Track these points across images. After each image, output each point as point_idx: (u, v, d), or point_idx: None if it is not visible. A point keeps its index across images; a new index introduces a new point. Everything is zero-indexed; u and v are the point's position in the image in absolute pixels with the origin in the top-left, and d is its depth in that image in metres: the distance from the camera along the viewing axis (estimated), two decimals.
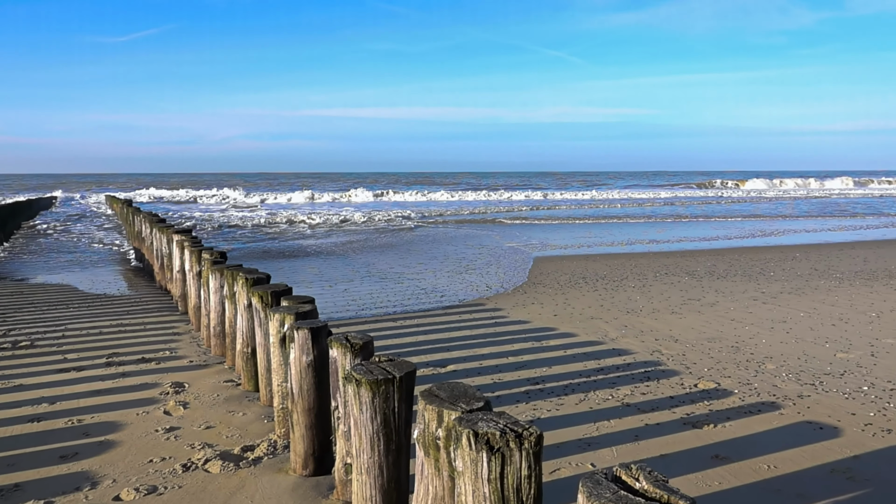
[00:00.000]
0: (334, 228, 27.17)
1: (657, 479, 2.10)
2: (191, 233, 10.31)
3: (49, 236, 24.04)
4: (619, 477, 2.15)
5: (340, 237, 23.08)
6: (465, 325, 8.54)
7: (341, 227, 27.55)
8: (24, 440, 4.66)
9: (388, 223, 29.72)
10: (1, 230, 20.54)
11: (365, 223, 29.44)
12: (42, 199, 42.57)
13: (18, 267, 15.75)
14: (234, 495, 3.80)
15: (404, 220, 31.03)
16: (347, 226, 28.30)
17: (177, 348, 7.25)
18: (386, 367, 3.31)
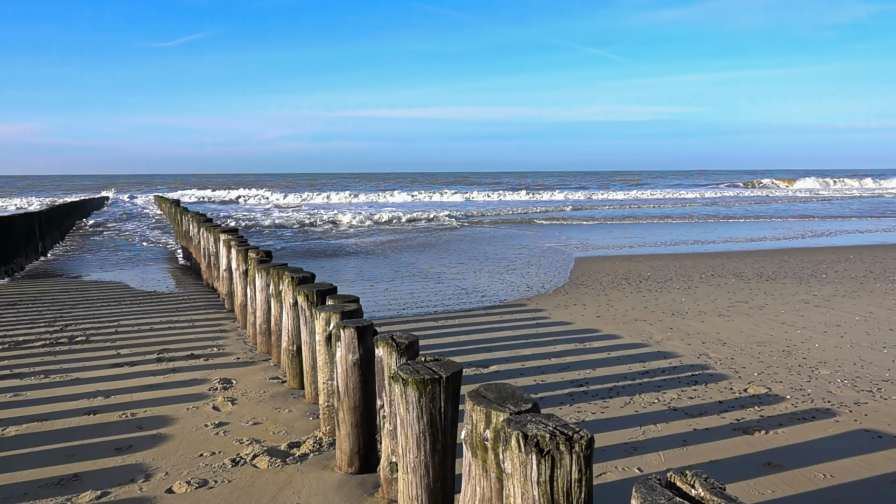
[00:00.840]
0: (374, 228, 27.40)
1: (714, 486, 2.05)
2: (237, 232, 10.53)
3: (101, 235, 24.88)
4: (674, 483, 2.11)
5: (380, 237, 23.26)
6: (507, 326, 8.50)
7: (381, 227, 27.76)
8: (82, 432, 4.82)
9: (427, 223, 29.84)
10: (57, 229, 21.36)
11: (404, 223, 29.61)
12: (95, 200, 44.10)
13: (73, 264, 16.35)
14: (281, 491, 3.86)
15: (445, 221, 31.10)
16: (387, 226, 28.51)
17: (224, 345, 7.41)
18: (432, 366, 3.31)
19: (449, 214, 34.39)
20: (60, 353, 7.11)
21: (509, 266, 14.59)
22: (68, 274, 14.50)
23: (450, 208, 41.24)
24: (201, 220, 13.66)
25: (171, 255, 18.23)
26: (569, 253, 17.02)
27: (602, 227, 26.27)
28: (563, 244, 19.39)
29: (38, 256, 17.14)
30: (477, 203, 50.44)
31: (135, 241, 22.57)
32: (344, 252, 18.38)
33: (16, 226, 14.85)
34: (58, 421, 5.04)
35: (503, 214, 36.08)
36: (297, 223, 29.90)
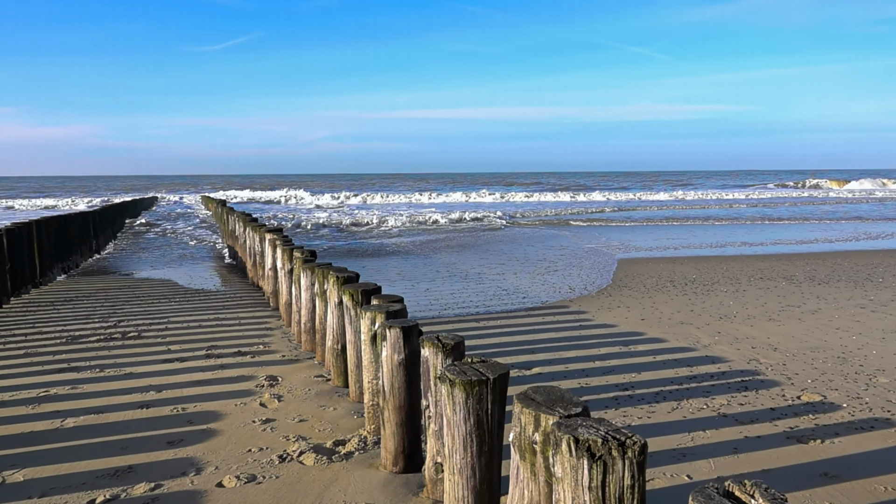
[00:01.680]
0: (414, 228, 27.53)
1: (775, 496, 1.99)
2: (282, 231, 10.71)
3: (151, 234, 25.65)
4: (732, 492, 2.05)
5: (420, 237, 23.35)
6: (549, 328, 8.43)
7: (421, 228, 27.88)
8: (135, 425, 4.97)
9: (466, 224, 29.84)
10: (110, 228, 22.10)
11: (444, 224, 29.66)
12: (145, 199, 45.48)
13: (125, 262, 16.89)
14: (328, 488, 3.91)
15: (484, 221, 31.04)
16: (428, 226, 28.61)
17: (270, 343, 7.54)
18: (479, 368, 3.30)
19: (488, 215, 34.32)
20: (114, 347, 7.35)
21: (550, 267, 14.47)
22: (120, 271, 14.98)
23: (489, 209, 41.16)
24: (247, 219, 13.94)
25: (217, 254, 18.67)
26: (611, 254, 16.79)
27: (644, 229, 25.83)
28: (604, 245, 19.14)
29: (92, 254, 17.75)
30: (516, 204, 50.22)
31: (183, 240, 23.19)
32: (384, 252, 18.52)
33: (72, 225, 15.42)
34: (113, 414, 5.21)
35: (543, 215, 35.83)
36: (337, 223, 30.27)
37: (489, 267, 14.69)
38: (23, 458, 4.34)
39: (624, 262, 15.01)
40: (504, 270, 14.07)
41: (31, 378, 6.18)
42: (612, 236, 22.26)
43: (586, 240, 21.06)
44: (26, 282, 11.54)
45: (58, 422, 5.03)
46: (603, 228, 26.25)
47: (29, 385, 5.95)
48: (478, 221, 30.74)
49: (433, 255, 17.52)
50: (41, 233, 12.54)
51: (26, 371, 6.43)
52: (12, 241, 10.90)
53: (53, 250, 13.43)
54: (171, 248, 20.74)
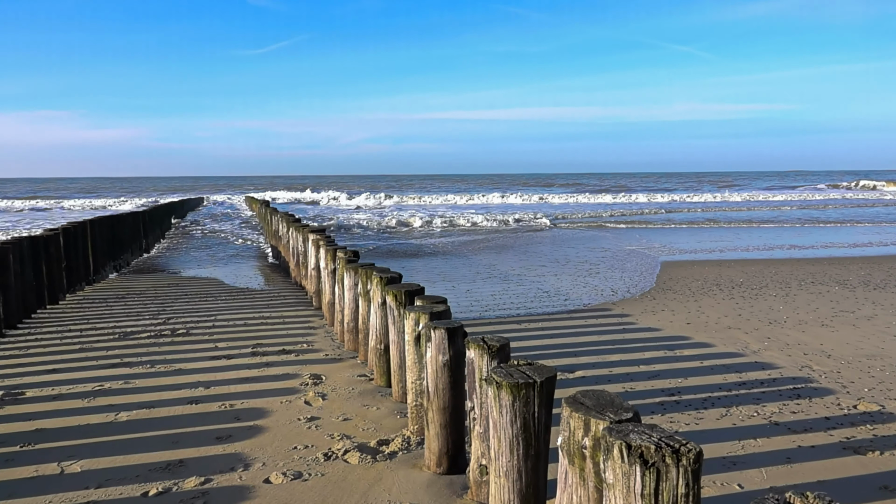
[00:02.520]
0: (454, 229, 27.56)
1: None
2: (324, 232, 10.85)
3: (197, 233, 26.30)
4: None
5: (460, 238, 23.36)
6: (592, 331, 8.32)
7: (461, 229, 27.89)
8: (185, 420, 5.10)
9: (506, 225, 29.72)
10: (158, 227, 22.75)
11: (484, 225, 29.60)
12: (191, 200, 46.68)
13: (173, 261, 17.36)
14: (372, 487, 3.93)
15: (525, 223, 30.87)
16: (467, 227, 28.60)
17: (313, 342, 7.64)
18: (525, 370, 3.28)
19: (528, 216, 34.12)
20: (164, 344, 7.55)
21: (591, 269, 14.29)
22: (169, 270, 15.40)
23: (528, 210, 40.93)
24: (290, 220, 14.16)
25: (261, 254, 19.02)
26: (654, 256, 16.49)
27: (689, 231, 25.31)
28: (647, 247, 18.82)
29: (142, 253, 18.30)
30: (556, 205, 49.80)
31: (227, 240, 23.71)
32: (424, 253, 18.58)
33: (123, 224, 15.92)
34: (164, 409, 5.35)
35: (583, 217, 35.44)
36: (377, 224, 30.51)
37: (529, 268, 14.60)
38: (80, 450, 4.49)
39: (667, 265, 14.73)
40: (544, 272, 13.97)
41: (87, 372, 6.40)
42: (654, 238, 21.87)
43: (628, 241, 20.74)
44: (80, 279, 11.97)
45: (112, 415, 5.19)
46: (645, 230, 25.82)
47: (84, 379, 6.16)
48: (517, 223, 30.60)
49: (473, 256, 17.50)
50: (95, 232, 12.98)
51: (82, 365, 6.66)
52: (68, 239, 11.31)
53: (106, 249, 13.90)
54: (217, 247, 21.23)
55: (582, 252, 17.92)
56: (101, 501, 3.77)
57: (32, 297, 9.55)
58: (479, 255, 17.54)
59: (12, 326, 8.62)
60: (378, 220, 32.36)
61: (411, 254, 18.37)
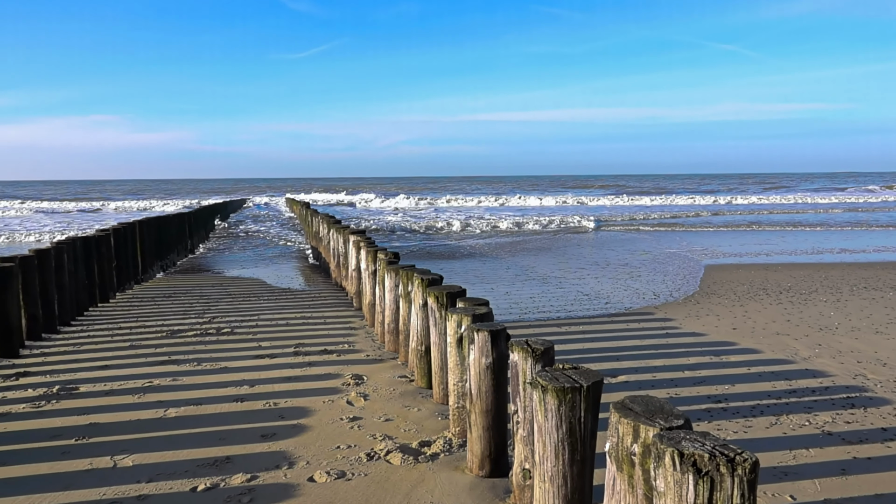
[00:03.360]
0: (492, 231, 27.49)
1: None
2: (364, 233, 10.95)
3: (240, 234, 26.84)
4: None
5: (498, 240, 23.29)
6: (634, 335, 8.20)
7: (499, 231, 27.81)
8: (231, 418, 5.20)
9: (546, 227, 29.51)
10: (203, 228, 23.29)
11: (523, 227, 29.46)
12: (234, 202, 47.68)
13: (217, 261, 17.75)
14: (415, 488, 3.94)
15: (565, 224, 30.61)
16: (505, 229, 28.50)
17: (354, 342, 7.71)
18: (571, 374, 3.24)
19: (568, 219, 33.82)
20: (209, 342, 7.72)
21: (633, 272, 14.08)
22: (213, 270, 15.76)
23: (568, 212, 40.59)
24: (331, 221, 14.33)
25: (301, 254, 19.30)
26: (697, 260, 16.16)
27: (732, 233, 24.72)
28: (689, 250, 18.45)
29: (188, 253, 18.77)
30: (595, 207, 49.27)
31: (269, 241, 24.13)
32: (462, 254, 18.58)
33: (170, 225, 16.35)
34: (210, 406, 5.46)
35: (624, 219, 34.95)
36: (416, 225, 30.65)
37: (569, 271, 14.46)
38: (132, 445, 4.62)
39: (711, 269, 14.41)
40: (584, 275, 13.82)
41: (137, 369, 6.58)
42: (696, 241, 21.42)
43: (669, 244, 20.37)
44: (129, 278, 12.33)
45: (161, 411, 5.33)
46: (687, 233, 25.32)
47: (135, 375, 6.34)
48: (554, 225, 30.35)
49: (510, 257, 17.43)
50: (143, 233, 13.37)
51: (132, 362, 6.85)
52: (118, 240, 11.67)
53: (154, 249, 14.29)
54: (259, 248, 21.63)
55: (622, 255, 17.67)
56: (153, 495, 3.87)
57: (85, 295, 9.88)
58: (517, 257, 17.46)
59: (66, 323, 8.93)
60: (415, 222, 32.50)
61: (448, 255, 18.40)
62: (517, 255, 17.96)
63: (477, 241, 23.17)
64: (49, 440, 4.71)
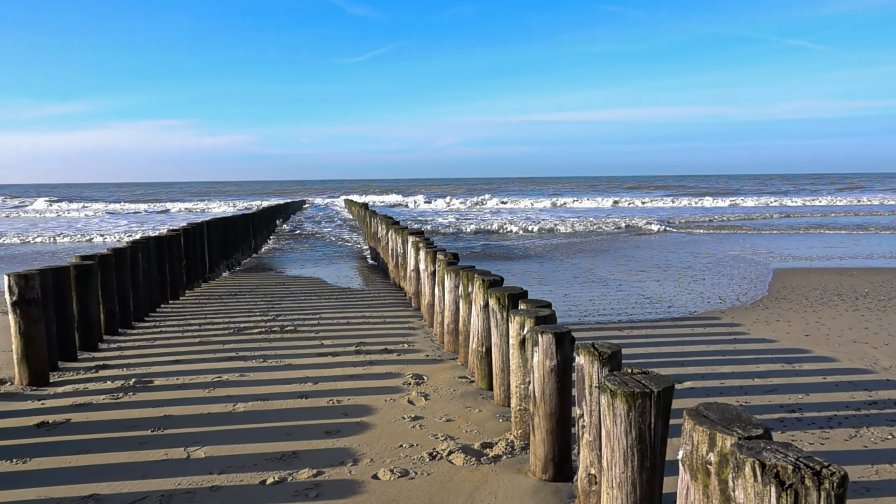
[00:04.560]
0: (549, 233, 27.23)
1: None
2: (423, 234, 11.02)
3: (300, 235, 27.48)
4: None
5: (555, 241, 23.05)
6: (699, 340, 7.96)
7: (555, 232, 27.51)
8: (296, 414, 5.32)
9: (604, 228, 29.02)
10: (266, 229, 23.97)
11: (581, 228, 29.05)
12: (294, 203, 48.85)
13: (279, 260, 18.22)
14: (478, 489, 3.94)
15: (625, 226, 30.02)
16: (561, 230, 28.18)
17: (413, 342, 7.77)
18: (641, 379, 3.17)
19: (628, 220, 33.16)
20: (274, 339, 7.93)
21: (696, 275, 13.67)
22: (276, 269, 16.19)
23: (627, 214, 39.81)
24: (389, 222, 14.50)
25: (359, 255, 19.60)
26: (764, 263, 15.55)
27: (803, 236, 23.69)
28: (755, 253, 17.78)
29: (251, 253, 19.34)
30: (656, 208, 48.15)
31: (328, 241, 24.62)
32: (519, 255, 18.47)
33: (235, 226, 16.89)
34: (276, 401, 5.61)
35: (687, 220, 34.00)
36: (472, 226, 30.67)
37: (629, 273, 14.17)
38: (203, 437, 4.79)
39: (780, 272, 13.84)
40: (645, 277, 13.51)
41: (206, 364, 6.82)
42: (764, 244, 20.63)
43: (735, 247, 19.68)
44: (198, 276, 12.80)
45: (230, 406, 5.51)
46: (754, 235, 24.41)
47: (205, 370, 6.57)
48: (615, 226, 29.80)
49: (569, 259, 17.21)
50: (211, 233, 13.86)
51: (202, 357, 7.11)
52: (188, 239, 12.13)
53: (220, 249, 14.79)
54: (318, 248, 22.09)
55: (684, 257, 17.19)
56: (224, 486, 4.00)
57: (157, 292, 10.32)
58: (575, 259, 17.23)
59: (140, 319, 9.35)
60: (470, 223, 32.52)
61: (504, 256, 18.32)
62: (575, 257, 17.72)
63: (533, 242, 22.99)
64: (127, 430, 4.94)
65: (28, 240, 26.41)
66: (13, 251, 22.14)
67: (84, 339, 7.57)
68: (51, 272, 6.83)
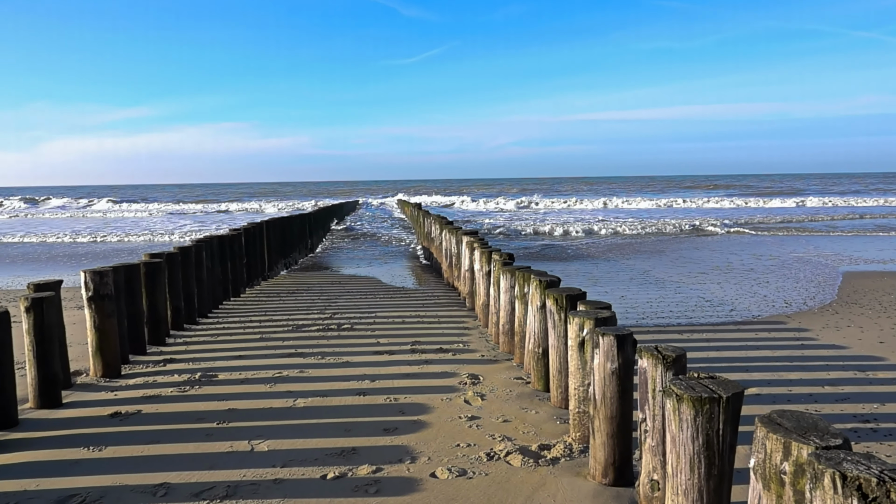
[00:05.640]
0: (604, 233, 26.79)
1: None
2: (477, 234, 11.02)
3: (354, 234, 27.90)
4: None
5: (611, 242, 22.66)
6: (764, 345, 7.69)
7: (611, 232, 27.04)
8: (355, 410, 5.40)
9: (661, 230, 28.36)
10: (321, 229, 24.44)
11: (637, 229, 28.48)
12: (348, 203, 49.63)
13: (334, 259, 18.55)
14: (536, 491, 3.91)
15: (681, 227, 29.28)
16: (617, 231, 27.68)
17: (468, 342, 7.78)
18: (708, 384, 3.09)
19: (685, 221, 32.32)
20: (332, 337, 8.08)
21: (759, 278, 13.20)
22: (331, 268, 16.48)
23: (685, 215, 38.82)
24: (443, 222, 14.56)
25: (412, 254, 19.75)
26: (832, 266, 14.89)
27: (875, 238, 22.56)
28: (822, 255, 17.04)
29: (308, 252, 19.75)
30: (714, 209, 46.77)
31: (382, 241, 24.91)
32: (573, 256, 18.25)
33: (292, 225, 17.29)
34: (335, 398, 5.71)
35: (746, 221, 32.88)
36: (525, 227, 30.47)
37: (688, 275, 13.80)
38: (266, 431, 4.93)
39: (850, 276, 13.23)
40: (705, 279, 13.13)
41: (267, 360, 7.01)
42: (832, 245, 19.75)
43: (801, 249, 18.92)
44: (258, 275, 13.16)
45: (291, 401, 5.64)
46: (821, 237, 23.40)
47: (266, 366, 6.75)
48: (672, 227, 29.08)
49: (624, 260, 16.90)
50: (270, 232, 14.22)
51: (263, 353, 7.30)
52: (248, 239, 12.48)
53: (279, 247, 15.17)
54: (372, 247, 22.38)
55: (746, 259, 16.62)
56: (287, 480, 4.10)
57: (220, 290, 10.66)
58: (630, 260, 16.90)
59: (204, 315, 9.67)
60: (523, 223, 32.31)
61: (558, 257, 18.12)
62: (630, 258, 17.38)
63: (586, 242, 22.68)
64: (194, 422, 5.12)
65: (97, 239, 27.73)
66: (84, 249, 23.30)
67: (152, 334, 7.88)
68: (123, 269, 7.15)
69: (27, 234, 30.51)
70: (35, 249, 23.53)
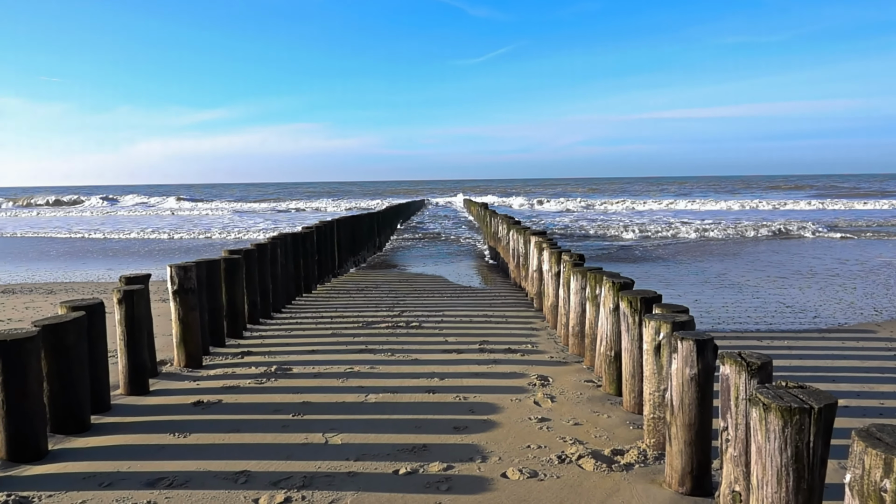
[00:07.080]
0: (675, 235, 26.00)
1: None
2: (545, 234, 10.92)
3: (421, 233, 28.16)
4: None
5: (683, 244, 21.98)
6: (852, 354, 7.27)
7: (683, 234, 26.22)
8: (424, 408, 5.45)
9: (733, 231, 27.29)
10: (389, 227, 24.81)
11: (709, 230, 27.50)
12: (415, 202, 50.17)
13: (401, 258, 18.79)
14: (610, 497, 3.84)
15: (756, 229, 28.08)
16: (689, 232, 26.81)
17: (536, 343, 7.72)
18: (797, 394, 2.95)
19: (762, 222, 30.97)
20: (400, 334, 8.18)
21: (845, 284, 12.51)
22: (398, 266, 16.71)
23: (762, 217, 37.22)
24: (510, 222, 14.49)
25: (479, 254, 19.76)
26: None
27: None
28: None
29: (376, 250, 20.09)
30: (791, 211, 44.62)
31: (448, 240, 25.05)
32: (643, 258, 17.81)
33: (361, 224, 17.62)
34: (405, 395, 5.78)
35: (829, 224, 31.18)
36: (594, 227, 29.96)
37: (766, 279, 13.22)
38: (339, 424, 5.04)
39: None
40: (785, 284, 12.55)
41: (339, 355, 7.17)
42: None
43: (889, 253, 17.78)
44: (328, 272, 13.49)
45: (362, 396, 5.75)
46: None
47: (338, 361, 6.91)
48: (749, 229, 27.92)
49: (698, 262, 16.35)
50: (340, 230, 14.55)
51: (334, 349, 7.48)
52: (320, 236, 12.81)
53: (348, 245, 15.50)
54: (438, 246, 22.54)
55: (830, 264, 15.78)
56: (360, 473, 4.19)
57: (293, 286, 10.99)
58: (704, 262, 16.34)
59: (278, 310, 10.00)
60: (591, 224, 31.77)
61: (628, 258, 17.72)
62: (704, 261, 16.80)
63: (657, 244, 22.07)
64: (271, 414, 5.30)
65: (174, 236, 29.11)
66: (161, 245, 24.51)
67: (231, 327, 8.21)
68: (204, 265, 7.48)
69: (114, 230, 32.39)
70: (115, 245, 24.94)
